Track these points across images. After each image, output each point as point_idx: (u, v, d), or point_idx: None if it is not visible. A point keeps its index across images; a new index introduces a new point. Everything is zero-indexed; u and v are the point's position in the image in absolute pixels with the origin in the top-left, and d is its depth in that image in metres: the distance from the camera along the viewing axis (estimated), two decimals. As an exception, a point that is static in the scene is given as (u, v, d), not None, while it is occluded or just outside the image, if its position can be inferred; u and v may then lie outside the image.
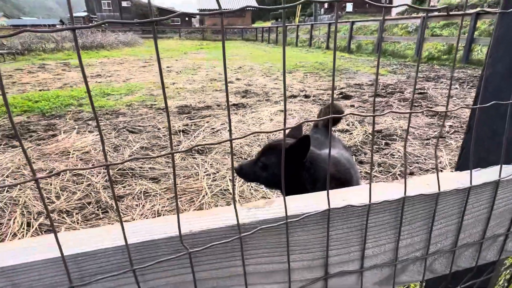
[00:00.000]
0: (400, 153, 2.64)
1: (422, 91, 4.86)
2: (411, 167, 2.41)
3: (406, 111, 0.38)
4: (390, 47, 11.09)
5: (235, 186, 2.15)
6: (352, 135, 3.05)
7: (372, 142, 0.35)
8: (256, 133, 0.32)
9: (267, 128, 3.27)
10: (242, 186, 2.14)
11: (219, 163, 2.48)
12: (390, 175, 2.28)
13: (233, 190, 0.33)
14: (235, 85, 5.80)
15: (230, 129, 0.28)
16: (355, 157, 2.59)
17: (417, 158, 2.54)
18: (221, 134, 3.14)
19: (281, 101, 4.53)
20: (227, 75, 0.27)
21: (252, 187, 2.12)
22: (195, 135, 3.10)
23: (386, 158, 2.55)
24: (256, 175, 1.10)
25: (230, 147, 0.30)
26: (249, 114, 3.89)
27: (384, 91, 5.06)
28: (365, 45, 12.53)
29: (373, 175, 2.30)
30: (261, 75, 7.01)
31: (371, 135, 3.05)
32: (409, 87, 5.31)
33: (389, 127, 3.27)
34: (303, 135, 0.98)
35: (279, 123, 3.41)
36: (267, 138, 3.00)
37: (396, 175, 2.27)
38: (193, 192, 2.09)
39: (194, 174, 2.32)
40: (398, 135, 3.04)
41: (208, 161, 2.51)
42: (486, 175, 0.50)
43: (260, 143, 2.88)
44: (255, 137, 3.02)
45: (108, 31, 21.04)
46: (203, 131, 3.25)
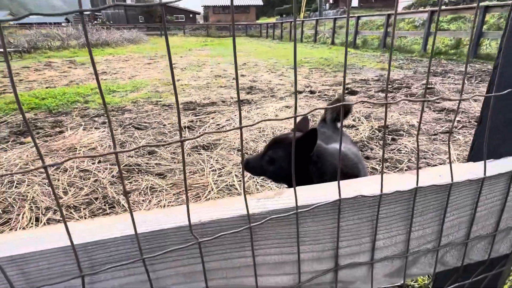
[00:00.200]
0: (407, 149, 2.62)
1: (429, 86, 4.80)
2: (396, 172, 2.38)
3: (419, 99, 0.37)
4: (396, 42, 10.96)
5: (244, 182, 2.15)
6: (358, 131, 3.02)
7: (384, 131, 0.35)
8: (266, 120, 0.32)
9: (273, 123, 3.26)
10: (248, 181, 2.13)
11: (225, 159, 2.48)
12: (397, 170, 2.25)
13: (243, 179, 0.33)
14: (239, 81, 5.79)
15: (240, 115, 0.28)
16: (361, 152, 2.57)
17: (425, 153, 2.51)
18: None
19: (286, 97, 4.51)
20: (237, 70, 0.27)
21: (258, 182, 2.12)
22: (200, 131, 3.10)
23: (393, 153, 2.52)
24: (263, 169, 1.10)
25: (240, 135, 0.29)
26: (254, 110, 3.88)
27: (390, 86, 5.00)
28: (371, 40, 12.40)
29: (380, 170, 2.28)
30: (266, 71, 6.98)
31: (378, 131, 3.02)
32: (416, 82, 5.24)
33: (396, 122, 3.24)
34: (310, 128, 0.97)
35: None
36: (273, 133, 3.00)
37: (403, 170, 2.25)
38: (199, 187, 2.10)
39: (199, 169, 2.33)
40: (405, 131, 3.01)
41: (213, 157, 2.51)
42: (500, 166, 0.49)
43: (266, 139, 2.87)
44: (260, 132, 3.01)
45: (113, 28, 21.11)
46: (209, 127, 3.25)
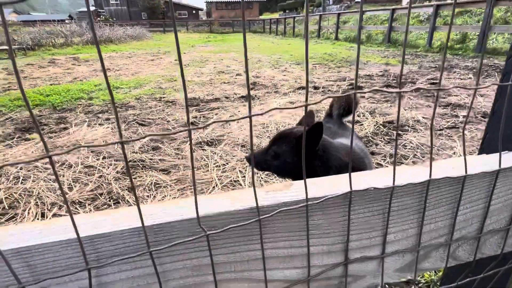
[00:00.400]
0: (412, 144, 2.59)
1: (434, 81, 4.75)
2: (424, 157, 2.36)
3: (434, 88, 0.35)
4: (401, 37, 10.84)
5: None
6: (363, 126, 3.00)
7: (397, 121, 0.33)
8: (277, 108, 0.31)
9: (277, 118, 3.25)
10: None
11: (229, 155, 2.48)
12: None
13: (252, 171, 0.32)
14: (243, 77, 5.77)
15: (249, 103, 0.26)
16: (366, 148, 2.55)
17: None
18: (230, 126, 3.13)
19: (290, 92, 4.48)
20: (246, 60, 0.26)
21: (262, 178, 2.11)
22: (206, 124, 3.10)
23: (398, 149, 2.50)
24: (267, 164, 1.09)
25: (249, 124, 0.28)
26: (258, 106, 3.86)
27: (395, 81, 4.96)
28: (375, 35, 12.28)
29: (385, 166, 2.26)
30: (269, 67, 6.94)
31: (382, 126, 3.00)
32: (421, 77, 5.19)
33: (401, 117, 3.21)
34: (316, 122, 0.96)
35: (289, 114, 3.38)
36: (276, 129, 2.98)
37: (415, 163, 2.23)
38: (203, 183, 2.09)
39: (203, 165, 2.32)
40: (410, 126, 2.98)
41: (217, 153, 2.51)
42: (515, 158, 0.47)
43: (269, 135, 2.86)
44: (264, 128, 3.00)
45: (116, 25, 21.12)
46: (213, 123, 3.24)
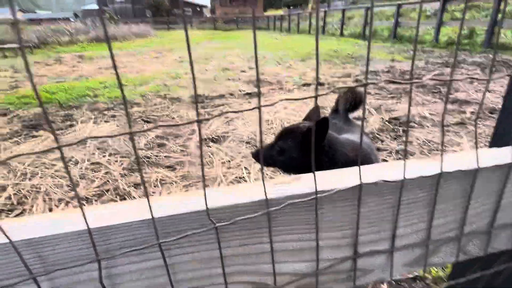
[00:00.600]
0: (418, 140, 2.57)
1: (440, 78, 4.69)
2: (430, 154, 2.34)
3: (446, 79, 0.35)
4: (407, 33, 10.72)
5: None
6: (368, 123, 2.98)
7: (408, 111, 0.33)
8: (285, 100, 0.30)
9: (282, 115, 3.24)
10: (258, 173, 2.13)
11: (233, 151, 2.48)
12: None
13: (261, 163, 0.32)
14: (247, 74, 5.76)
15: (259, 94, 0.26)
16: (371, 144, 2.53)
17: (437, 145, 2.46)
18: (235, 122, 3.13)
19: (295, 89, 4.46)
20: (256, 51, 0.25)
21: (267, 174, 2.11)
22: (209, 124, 3.10)
23: (404, 145, 2.48)
24: (273, 159, 1.09)
25: (259, 115, 0.28)
26: (263, 102, 3.85)
27: (401, 77, 4.91)
28: (381, 31, 12.16)
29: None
30: (274, 63, 6.92)
31: (388, 122, 2.97)
32: (427, 73, 5.13)
33: (407, 114, 3.18)
34: (322, 117, 0.95)
35: (293, 111, 3.37)
36: (281, 126, 2.97)
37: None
38: (208, 180, 2.10)
39: (208, 162, 2.33)
40: (416, 122, 2.96)
41: (222, 150, 2.51)
42: (527, 151, 0.46)
43: (274, 131, 2.86)
44: (269, 125, 3.00)
45: (120, 23, 21.19)
46: (217, 119, 3.24)
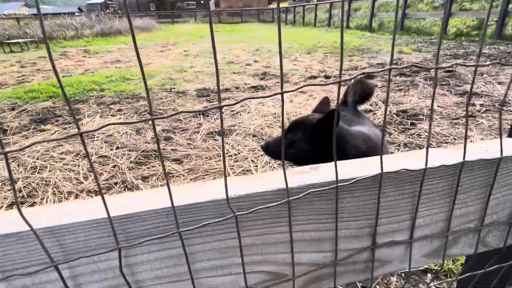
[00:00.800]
0: (427, 133, 2.54)
1: (450, 69, 4.61)
2: (439, 147, 2.31)
3: (472, 64, 0.34)
4: (414, 24, 10.54)
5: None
6: (376, 115, 2.95)
7: (433, 97, 0.32)
8: (308, 85, 0.29)
9: (288, 109, 3.22)
10: (264, 166, 2.13)
11: (240, 144, 2.48)
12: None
13: (282, 151, 0.31)
14: (253, 67, 5.72)
15: (281, 81, 0.25)
16: (379, 137, 2.51)
17: (446, 138, 2.43)
18: (241, 115, 3.12)
19: (301, 82, 4.43)
20: (280, 36, 0.24)
21: (275, 168, 2.11)
22: (215, 117, 3.10)
23: (412, 138, 2.46)
24: (282, 152, 1.08)
25: (281, 100, 0.27)
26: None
27: (409, 70, 4.84)
28: (387, 23, 11.97)
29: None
30: (279, 56, 6.86)
31: (396, 115, 2.94)
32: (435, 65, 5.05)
33: (415, 107, 3.14)
34: (332, 109, 0.94)
35: (299, 104, 3.35)
36: (288, 119, 2.96)
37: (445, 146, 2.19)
38: (216, 173, 2.10)
39: (215, 155, 2.33)
40: (424, 115, 2.92)
41: (229, 143, 2.51)
42: (551, 140, 0.45)
43: (281, 125, 2.84)
44: (275, 118, 2.98)
45: (125, 17, 21.15)
46: (223, 113, 3.24)
